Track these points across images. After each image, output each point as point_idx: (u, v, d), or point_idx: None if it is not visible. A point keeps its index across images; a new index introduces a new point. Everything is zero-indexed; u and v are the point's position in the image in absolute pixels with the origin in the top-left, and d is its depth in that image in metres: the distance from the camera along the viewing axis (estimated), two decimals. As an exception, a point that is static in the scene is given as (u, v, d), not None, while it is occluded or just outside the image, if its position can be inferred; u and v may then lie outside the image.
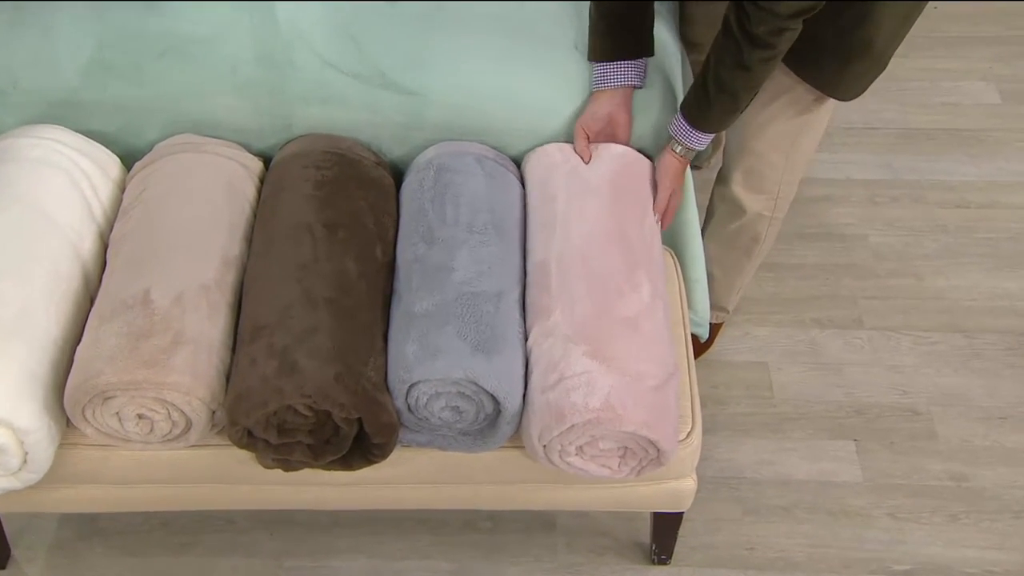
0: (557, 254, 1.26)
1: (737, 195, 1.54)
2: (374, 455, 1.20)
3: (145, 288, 1.19)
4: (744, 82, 1.24)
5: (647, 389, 1.15)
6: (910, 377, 1.77)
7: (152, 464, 1.26)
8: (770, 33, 1.16)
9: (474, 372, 1.15)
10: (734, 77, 1.23)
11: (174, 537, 1.55)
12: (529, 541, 1.56)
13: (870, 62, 1.31)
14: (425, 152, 1.41)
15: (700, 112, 1.29)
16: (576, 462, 1.20)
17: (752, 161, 1.48)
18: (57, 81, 1.38)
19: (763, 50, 1.19)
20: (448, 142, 1.40)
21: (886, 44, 1.29)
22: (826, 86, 1.34)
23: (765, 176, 1.50)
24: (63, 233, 1.27)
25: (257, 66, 1.39)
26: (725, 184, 1.55)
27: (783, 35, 1.17)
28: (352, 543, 1.56)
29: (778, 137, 1.44)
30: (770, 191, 1.53)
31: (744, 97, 1.26)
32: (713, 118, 1.29)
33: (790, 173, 1.50)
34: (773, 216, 1.57)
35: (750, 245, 1.61)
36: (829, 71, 1.32)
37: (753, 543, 1.57)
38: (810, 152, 1.49)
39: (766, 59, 1.20)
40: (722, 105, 1.27)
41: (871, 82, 1.36)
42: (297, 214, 1.29)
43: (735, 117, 1.30)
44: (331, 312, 1.18)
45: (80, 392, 1.13)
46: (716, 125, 1.31)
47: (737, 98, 1.26)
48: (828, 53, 1.29)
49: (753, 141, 1.46)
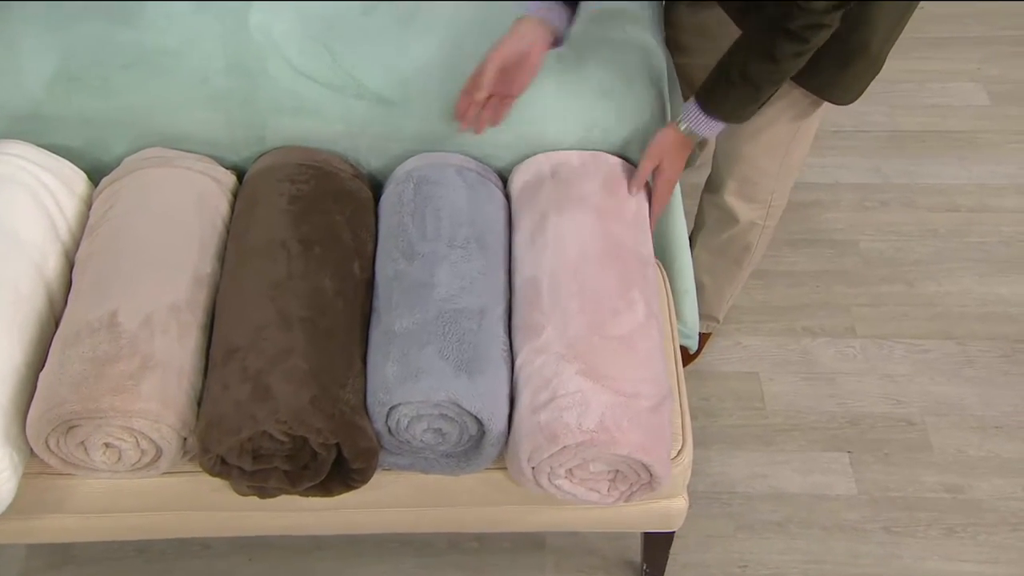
0: (549, 270, 1.22)
1: (730, 204, 1.50)
2: (354, 480, 1.16)
3: (112, 310, 1.14)
4: (770, 75, 1.20)
5: (642, 410, 1.11)
6: (903, 386, 1.74)
7: (122, 493, 1.21)
8: (806, 28, 1.14)
9: (457, 393, 1.10)
10: (760, 69, 1.19)
11: (150, 564, 1.50)
12: (517, 562, 1.52)
13: (867, 64, 1.29)
14: (404, 164, 1.36)
15: (718, 98, 1.24)
16: (565, 485, 1.16)
17: (745, 169, 1.45)
18: (20, 94, 1.33)
19: (796, 44, 1.15)
20: (428, 153, 1.36)
21: (881, 45, 1.28)
22: (824, 90, 1.32)
23: (759, 184, 1.47)
24: (26, 252, 1.21)
25: (228, 76, 1.34)
26: (716, 192, 1.52)
27: (820, 31, 1.14)
28: (333, 567, 1.51)
29: (772, 143, 1.41)
30: (763, 199, 1.49)
31: (767, 90, 1.22)
32: (729, 107, 1.24)
33: (783, 180, 1.47)
34: (765, 224, 1.54)
35: (741, 254, 1.58)
36: (827, 75, 1.30)
37: (746, 560, 1.53)
38: (803, 158, 1.46)
39: (797, 53, 1.17)
40: (743, 95, 1.22)
41: (868, 84, 1.33)
42: (271, 230, 1.24)
43: (752, 109, 1.26)
44: (306, 333, 1.14)
45: (43, 422, 1.08)
46: (731, 114, 1.26)
47: (760, 90, 1.22)
48: (826, 57, 1.26)
49: (746, 148, 1.43)
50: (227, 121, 1.36)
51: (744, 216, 1.51)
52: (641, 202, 1.35)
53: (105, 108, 1.34)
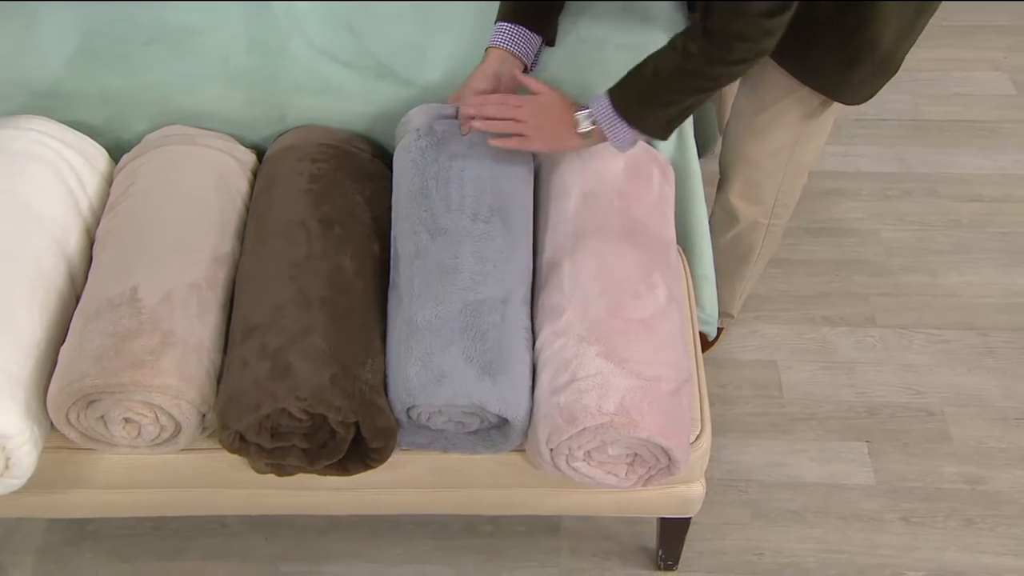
0: (570, 253, 1.21)
1: (733, 204, 1.49)
2: (372, 459, 1.15)
3: (132, 286, 1.14)
4: (689, 80, 1.08)
5: (663, 394, 1.10)
6: (923, 376, 1.72)
7: (140, 468, 1.21)
8: (725, 34, 1.03)
9: (481, 398, 1.09)
10: (678, 69, 1.08)
11: (166, 542, 1.51)
12: (532, 546, 1.52)
13: (876, 65, 1.25)
14: (424, 109, 1.30)
15: (629, 95, 1.13)
16: (583, 468, 1.15)
17: (750, 170, 1.43)
18: (42, 70, 1.33)
19: (714, 49, 1.04)
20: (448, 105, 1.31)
21: (893, 46, 1.23)
22: (830, 89, 1.29)
23: (762, 185, 1.45)
24: (47, 228, 1.22)
25: (250, 55, 1.33)
26: (721, 191, 1.51)
27: (735, 42, 1.03)
28: (349, 547, 1.51)
29: (777, 144, 1.38)
30: (767, 200, 1.47)
31: (679, 97, 1.09)
32: (640, 110, 1.13)
33: (789, 181, 1.44)
34: (771, 223, 1.52)
35: (747, 253, 1.57)
36: (832, 74, 1.26)
37: (762, 548, 1.52)
38: (812, 160, 1.43)
39: (714, 60, 1.05)
40: (654, 97, 1.11)
41: (881, 86, 1.29)
42: (291, 210, 1.24)
43: (662, 119, 1.13)
44: (326, 312, 1.13)
45: (63, 395, 1.08)
46: (640, 119, 1.13)
47: (672, 93, 1.09)
48: (831, 56, 1.24)
49: (751, 148, 1.41)
50: (248, 100, 1.36)
51: (746, 217, 1.50)
52: (665, 186, 1.34)
53: (126, 85, 1.34)
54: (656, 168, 1.34)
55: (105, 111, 1.36)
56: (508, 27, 1.28)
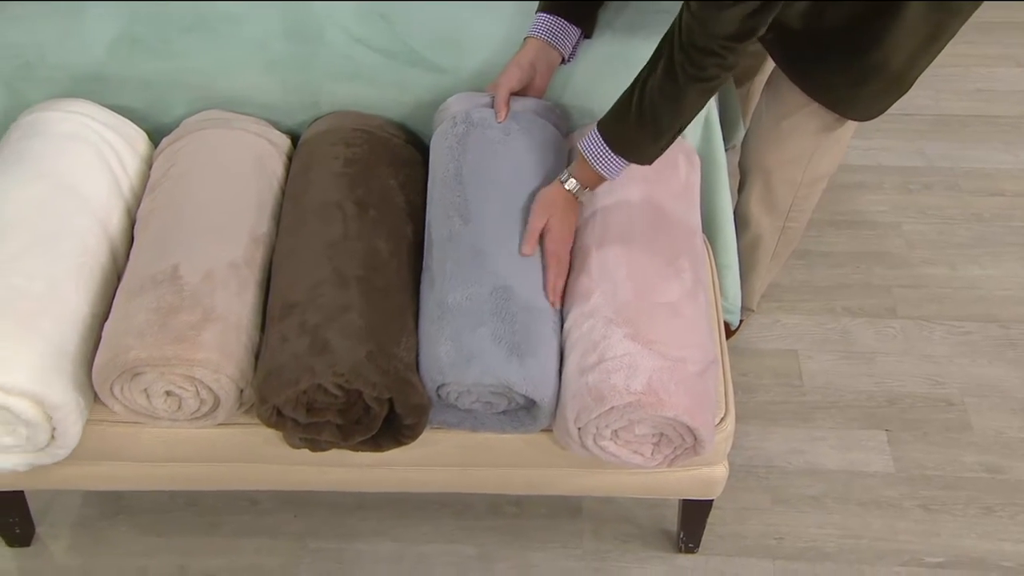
0: (597, 238, 1.24)
1: (748, 211, 1.51)
2: (404, 436, 1.18)
3: (174, 264, 1.18)
4: (668, 96, 1.09)
5: (689, 375, 1.12)
6: (944, 367, 1.73)
7: (179, 442, 1.25)
8: (698, 51, 1.05)
9: (509, 379, 1.12)
10: (661, 88, 1.09)
11: (199, 517, 1.55)
12: (555, 527, 1.55)
13: (886, 84, 1.26)
14: (459, 99, 1.33)
15: (617, 128, 1.15)
16: (609, 447, 1.18)
17: (767, 178, 1.45)
18: (84, 55, 1.37)
19: (692, 67, 1.06)
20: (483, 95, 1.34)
21: (905, 67, 1.23)
22: (839, 106, 1.30)
23: (778, 192, 1.47)
24: (91, 208, 1.25)
25: (286, 42, 1.37)
26: (740, 195, 1.53)
27: (708, 58, 1.05)
28: (376, 526, 1.55)
29: (795, 154, 1.40)
30: (781, 207, 1.49)
31: (665, 118, 1.11)
32: (630, 139, 1.15)
33: (807, 189, 1.46)
34: (786, 226, 1.54)
35: (762, 253, 1.59)
36: (842, 91, 1.28)
37: (782, 532, 1.54)
38: (830, 170, 1.44)
39: (693, 78, 1.07)
40: (639, 125, 1.13)
41: (891, 104, 1.30)
42: (327, 192, 1.27)
43: (652, 147, 1.16)
44: (362, 291, 1.17)
45: (109, 368, 1.11)
46: (631, 149, 1.16)
47: (657, 118, 1.12)
48: (839, 74, 1.25)
49: (769, 157, 1.43)
50: (283, 86, 1.39)
51: (760, 223, 1.52)
52: (691, 174, 1.36)
53: (166, 70, 1.37)
54: (682, 155, 1.36)
55: (145, 95, 1.39)
56: (548, 18, 1.30)
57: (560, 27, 1.29)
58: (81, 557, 1.50)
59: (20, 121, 1.33)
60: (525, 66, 1.30)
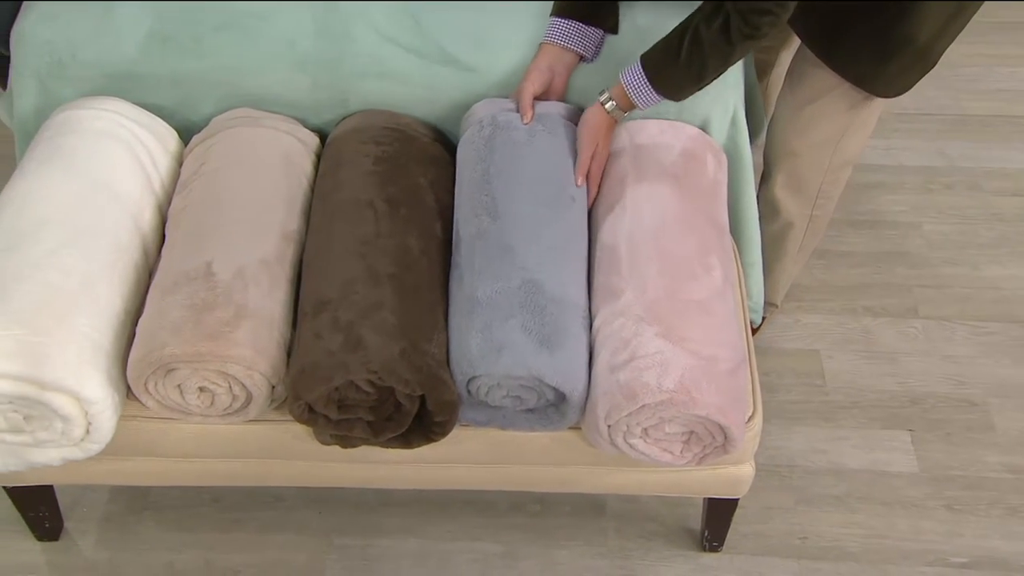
0: (627, 236, 1.24)
1: (776, 197, 1.51)
2: (434, 433, 1.19)
3: (207, 261, 1.18)
4: (719, 51, 1.15)
5: (721, 373, 1.13)
6: (966, 367, 1.73)
7: (210, 438, 1.26)
8: (751, 11, 1.11)
9: (539, 369, 1.13)
10: (711, 41, 1.15)
11: (225, 513, 1.56)
12: (578, 525, 1.55)
13: (912, 59, 1.27)
14: (486, 104, 1.36)
15: (663, 65, 1.20)
16: (639, 445, 1.18)
17: (795, 163, 1.45)
18: (115, 53, 1.37)
19: (746, 27, 1.12)
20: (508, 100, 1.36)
21: (931, 41, 1.24)
22: (863, 81, 1.30)
23: (806, 178, 1.47)
24: (124, 205, 1.26)
25: (316, 40, 1.37)
26: (765, 184, 1.53)
27: (763, 17, 1.11)
28: (401, 523, 1.55)
29: (823, 137, 1.40)
30: (811, 193, 1.49)
31: (711, 68, 1.18)
32: (672, 79, 1.21)
33: (834, 174, 1.46)
34: (813, 215, 1.53)
35: (789, 245, 1.59)
36: (867, 66, 1.28)
37: (806, 532, 1.54)
38: (857, 153, 1.45)
39: (746, 36, 1.14)
40: (687, 69, 1.18)
41: (917, 80, 1.31)
42: (358, 189, 1.27)
43: (693, 89, 1.22)
44: (394, 288, 1.17)
45: (144, 364, 1.12)
46: (671, 88, 1.22)
47: (705, 66, 1.17)
48: (865, 49, 1.25)
49: (796, 142, 1.43)
50: (312, 84, 1.40)
51: (788, 210, 1.52)
52: (718, 172, 1.36)
53: (197, 68, 1.38)
54: (710, 154, 1.37)
55: (175, 93, 1.40)
56: (560, 22, 1.32)
57: (574, 30, 1.32)
58: (108, 551, 1.52)
59: (53, 119, 1.34)
60: (544, 69, 1.33)
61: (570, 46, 1.33)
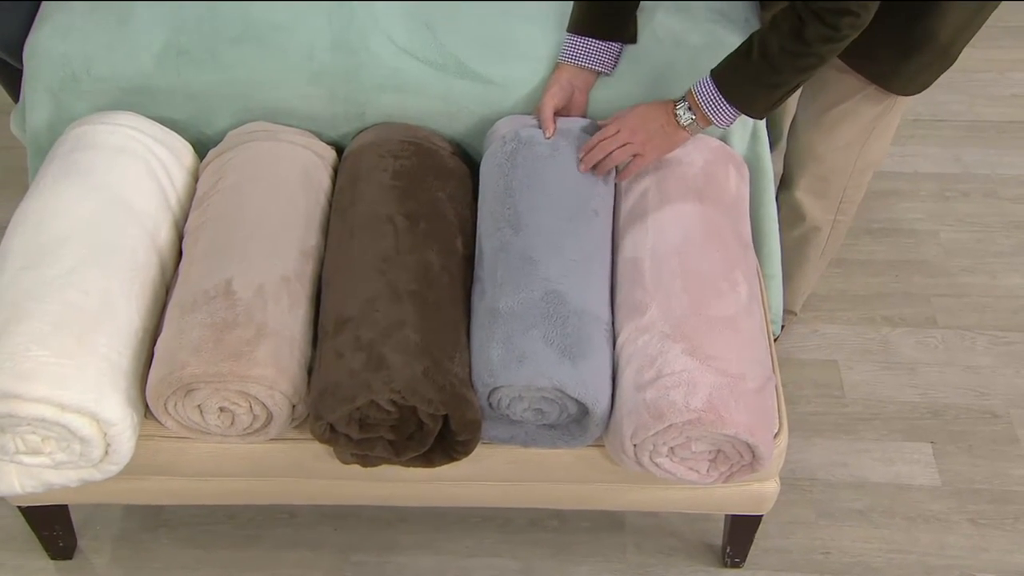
0: (651, 250, 1.23)
1: (800, 201, 1.49)
2: (457, 452, 1.17)
3: (227, 279, 1.17)
4: (793, 59, 1.10)
5: (748, 391, 1.11)
6: (987, 378, 1.71)
7: (228, 457, 1.24)
8: (832, 12, 1.07)
9: (560, 380, 1.11)
10: (784, 51, 1.10)
11: (239, 530, 1.54)
12: (597, 541, 1.53)
13: (933, 56, 1.26)
14: (508, 121, 1.35)
15: (735, 78, 1.16)
16: (665, 464, 1.16)
17: (818, 167, 1.44)
18: (130, 67, 1.36)
19: (824, 28, 1.08)
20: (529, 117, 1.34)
21: (952, 38, 1.24)
22: (883, 79, 1.29)
23: (831, 182, 1.46)
24: (141, 221, 1.25)
25: (333, 53, 1.36)
26: (787, 189, 1.51)
27: (846, 17, 1.07)
28: (417, 539, 1.53)
29: (847, 140, 1.39)
30: (834, 197, 1.48)
31: (787, 77, 1.13)
32: (744, 90, 1.15)
33: (857, 178, 1.45)
34: (836, 219, 1.52)
35: (812, 251, 1.57)
36: (887, 63, 1.27)
37: (828, 547, 1.52)
38: (881, 156, 1.43)
39: (826, 39, 1.09)
40: (760, 77, 1.14)
41: (936, 76, 1.30)
42: (377, 204, 1.26)
43: (768, 101, 1.16)
44: (416, 305, 1.16)
45: (164, 384, 1.11)
46: (745, 101, 1.17)
47: (779, 74, 1.12)
48: (885, 45, 1.24)
49: (820, 146, 1.41)
50: (329, 97, 1.38)
51: (813, 214, 1.50)
52: (741, 185, 1.35)
53: (213, 82, 1.36)
54: (733, 167, 1.35)
55: (190, 107, 1.38)
56: (576, 41, 1.31)
57: (589, 48, 1.30)
58: (123, 570, 1.50)
59: (68, 134, 1.32)
60: (564, 84, 1.32)
61: (587, 65, 1.32)
